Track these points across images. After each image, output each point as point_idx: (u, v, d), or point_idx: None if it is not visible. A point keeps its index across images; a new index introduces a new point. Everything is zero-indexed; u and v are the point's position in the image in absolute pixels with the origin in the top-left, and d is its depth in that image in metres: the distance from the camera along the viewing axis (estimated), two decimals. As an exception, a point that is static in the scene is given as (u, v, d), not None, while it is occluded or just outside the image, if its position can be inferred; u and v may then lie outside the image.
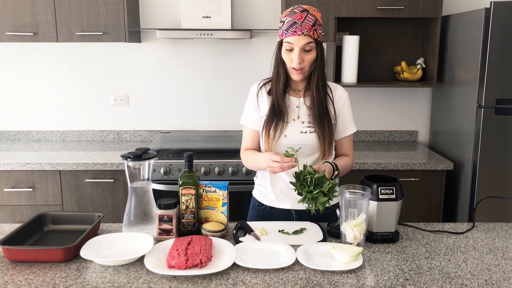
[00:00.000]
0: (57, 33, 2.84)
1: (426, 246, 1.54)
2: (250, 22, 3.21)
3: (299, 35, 1.65)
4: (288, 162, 1.57)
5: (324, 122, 1.74)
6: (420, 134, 3.40)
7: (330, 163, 1.71)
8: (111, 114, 3.32)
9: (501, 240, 1.60)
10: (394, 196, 1.54)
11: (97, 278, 1.30)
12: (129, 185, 1.60)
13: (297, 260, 1.39)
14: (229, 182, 1.68)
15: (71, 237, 1.49)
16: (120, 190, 2.74)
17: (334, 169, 1.71)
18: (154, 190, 1.71)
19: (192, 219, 1.59)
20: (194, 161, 2.01)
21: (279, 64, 1.74)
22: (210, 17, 3.03)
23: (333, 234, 1.62)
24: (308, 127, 1.76)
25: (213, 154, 2.78)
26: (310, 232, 1.63)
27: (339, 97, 1.82)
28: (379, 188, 1.53)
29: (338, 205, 1.58)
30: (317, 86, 1.74)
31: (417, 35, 3.20)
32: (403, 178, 2.67)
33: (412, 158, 2.86)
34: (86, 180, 2.71)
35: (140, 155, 1.57)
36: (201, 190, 1.62)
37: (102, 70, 3.26)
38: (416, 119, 3.38)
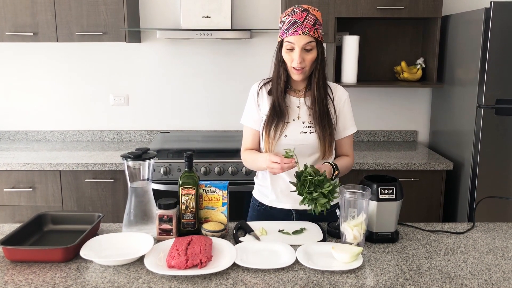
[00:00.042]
0: (57, 33, 2.84)
1: (426, 246, 1.54)
2: (250, 22, 3.21)
3: (300, 35, 1.64)
4: (288, 163, 1.57)
5: (324, 122, 1.74)
6: (420, 134, 3.40)
7: (330, 164, 1.71)
8: (111, 114, 3.32)
9: (501, 240, 1.60)
10: (394, 196, 1.54)
11: (97, 278, 1.30)
12: (129, 185, 1.60)
13: (297, 260, 1.39)
14: (229, 182, 1.68)
15: (71, 237, 1.49)
16: (120, 190, 2.74)
17: (334, 169, 1.71)
18: (154, 190, 1.71)
19: (192, 219, 1.59)
20: (194, 161, 2.01)
21: (280, 64, 1.74)
22: (210, 17, 3.03)
23: (333, 234, 1.62)
24: (308, 127, 1.76)
25: (213, 154, 2.78)
26: (310, 232, 1.63)
27: (340, 97, 1.82)
28: (379, 188, 1.53)
29: (338, 205, 1.58)
30: (318, 86, 1.73)
31: (417, 35, 3.20)
32: (403, 178, 2.67)
33: (412, 158, 2.86)
34: (86, 180, 2.71)
35: (140, 155, 1.57)
36: (201, 190, 1.62)
37: (102, 70, 3.26)
38: (416, 119, 3.38)
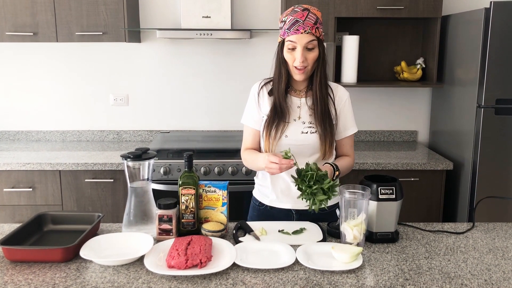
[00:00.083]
0: (57, 33, 2.84)
1: (426, 246, 1.54)
2: (250, 22, 3.21)
3: (302, 33, 1.64)
4: (286, 164, 1.56)
5: (325, 122, 1.74)
6: (420, 134, 3.40)
7: (331, 164, 1.71)
8: (111, 114, 3.32)
9: (501, 240, 1.60)
10: (394, 196, 1.54)
11: (96, 278, 1.30)
12: (128, 185, 1.60)
13: (297, 260, 1.39)
14: (228, 182, 1.68)
15: (71, 237, 1.49)
16: (120, 190, 2.74)
17: (335, 170, 1.71)
18: (154, 190, 1.71)
19: (191, 219, 1.59)
20: (194, 161, 2.01)
21: (281, 64, 1.73)
22: (210, 17, 3.03)
23: (333, 234, 1.62)
24: (309, 128, 1.76)
25: (213, 154, 2.78)
26: (310, 232, 1.63)
27: (340, 97, 1.82)
28: (379, 188, 1.53)
29: (338, 205, 1.58)
30: (319, 85, 1.73)
31: (417, 35, 3.20)
32: (403, 178, 2.67)
33: (412, 158, 2.86)
34: (86, 180, 2.71)
35: (140, 155, 1.57)
36: (200, 190, 1.62)
37: (102, 70, 3.26)
38: (416, 119, 3.38)
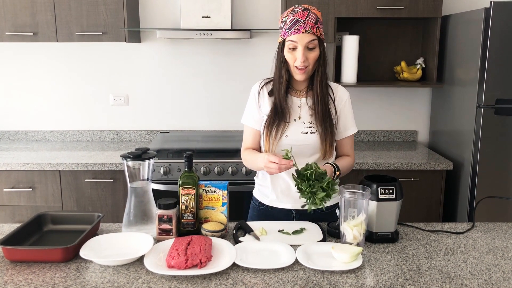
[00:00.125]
0: (56, 33, 2.84)
1: (426, 246, 1.54)
2: (250, 22, 3.21)
3: (303, 33, 1.64)
4: (285, 164, 1.57)
5: (326, 122, 1.74)
6: (420, 134, 3.40)
7: (331, 164, 1.71)
8: (111, 114, 3.32)
9: (500, 240, 1.60)
10: (393, 196, 1.54)
11: (96, 278, 1.30)
12: (128, 185, 1.60)
13: (296, 260, 1.39)
14: (228, 182, 1.68)
15: (71, 237, 1.49)
16: (119, 190, 2.74)
17: (335, 170, 1.71)
18: (153, 190, 1.71)
19: (191, 219, 1.59)
20: (194, 161, 2.01)
21: (282, 64, 1.73)
22: (210, 17, 3.03)
23: (332, 234, 1.62)
24: (309, 128, 1.76)
25: (212, 154, 2.78)
26: (310, 232, 1.63)
27: (341, 97, 1.82)
28: (379, 188, 1.53)
29: (338, 205, 1.58)
30: (320, 85, 1.73)
31: (417, 35, 3.20)
32: (403, 178, 2.67)
33: (412, 158, 2.86)
34: (86, 180, 2.71)
35: (139, 155, 1.57)
36: (200, 190, 1.62)
37: (102, 70, 3.26)
38: (416, 119, 3.38)
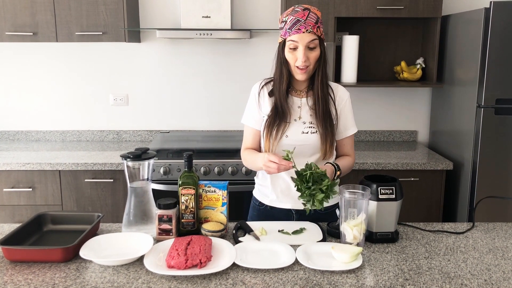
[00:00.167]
0: (56, 33, 2.84)
1: (425, 246, 1.53)
2: (250, 22, 3.21)
3: (304, 33, 1.64)
4: (285, 165, 1.57)
5: (326, 122, 1.74)
6: (419, 134, 3.40)
7: (332, 164, 1.71)
8: (111, 114, 3.32)
9: (500, 240, 1.60)
10: (393, 196, 1.54)
11: (96, 278, 1.30)
12: (128, 185, 1.60)
13: (296, 260, 1.39)
14: (228, 182, 1.68)
15: (71, 237, 1.49)
16: (119, 190, 2.73)
17: (336, 169, 1.70)
18: (153, 190, 1.71)
19: (191, 219, 1.59)
20: (194, 161, 2.01)
21: (282, 64, 1.73)
22: (209, 17, 3.03)
23: (332, 234, 1.62)
24: (309, 128, 1.76)
25: (212, 154, 2.78)
26: (310, 232, 1.63)
27: (341, 97, 1.82)
28: (379, 188, 1.53)
29: (337, 205, 1.58)
30: (321, 85, 1.73)
31: (416, 35, 3.20)
32: (403, 178, 2.67)
33: (412, 158, 2.85)
34: (86, 180, 2.71)
35: (139, 155, 1.57)
36: (200, 190, 1.62)
37: (101, 70, 3.26)
38: (415, 119, 3.38)
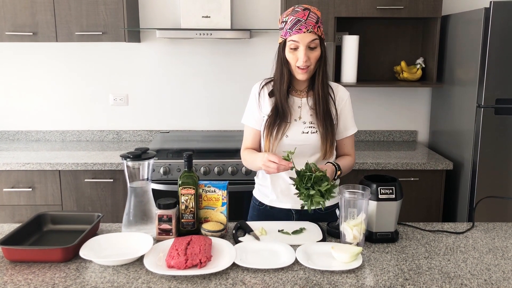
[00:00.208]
0: (56, 33, 2.84)
1: (425, 246, 1.53)
2: (250, 22, 3.21)
3: (304, 33, 1.64)
4: (284, 165, 1.57)
5: (327, 122, 1.74)
6: (419, 134, 3.40)
7: (333, 164, 1.71)
8: (111, 114, 3.32)
9: (500, 240, 1.60)
10: (393, 196, 1.54)
11: (96, 278, 1.30)
12: (128, 185, 1.60)
13: (296, 260, 1.39)
14: (228, 182, 1.68)
15: (71, 237, 1.49)
16: (119, 190, 2.73)
17: (337, 169, 1.70)
18: (153, 190, 1.71)
19: (191, 219, 1.59)
20: (194, 161, 2.01)
21: (283, 64, 1.73)
22: (209, 17, 3.03)
23: (332, 234, 1.62)
24: (309, 127, 1.76)
25: (212, 154, 2.78)
26: (310, 232, 1.63)
27: (341, 97, 1.82)
28: (379, 188, 1.53)
29: (337, 205, 1.58)
30: (321, 85, 1.73)
31: (416, 35, 3.20)
32: (403, 178, 2.67)
33: (411, 158, 2.85)
34: (86, 180, 2.71)
35: (139, 155, 1.57)
36: (200, 190, 1.62)
37: (101, 70, 3.26)
38: (415, 119, 3.38)
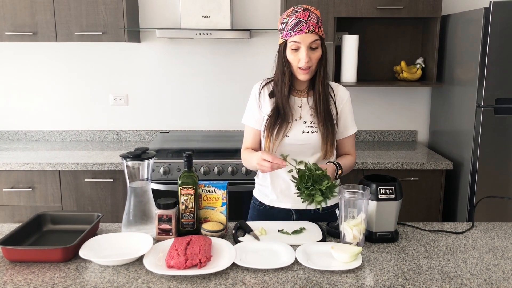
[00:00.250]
0: (56, 33, 2.84)
1: (425, 246, 1.54)
2: (250, 22, 3.21)
3: (306, 33, 1.64)
4: (278, 163, 1.56)
5: (327, 121, 1.74)
6: (419, 134, 3.40)
7: (334, 163, 1.71)
8: (111, 114, 3.32)
9: (500, 239, 1.60)
10: (393, 196, 1.54)
11: (96, 278, 1.30)
12: (128, 185, 1.60)
13: (296, 260, 1.39)
14: (228, 182, 1.68)
15: (70, 237, 1.49)
16: (119, 190, 2.73)
17: (338, 168, 1.70)
18: (153, 190, 1.71)
19: (191, 219, 1.59)
20: (194, 161, 2.01)
21: (284, 65, 1.72)
22: (209, 16, 3.03)
23: (332, 233, 1.62)
24: (310, 127, 1.76)
25: (212, 154, 2.78)
26: (310, 232, 1.63)
27: (341, 97, 1.82)
28: (379, 188, 1.53)
29: (337, 205, 1.58)
30: (322, 85, 1.73)
31: (416, 35, 3.20)
32: (403, 178, 2.67)
33: (411, 157, 2.86)
34: (86, 180, 2.71)
35: (139, 155, 1.57)
36: (200, 190, 1.62)
37: (101, 70, 3.26)
38: (415, 119, 3.38)
